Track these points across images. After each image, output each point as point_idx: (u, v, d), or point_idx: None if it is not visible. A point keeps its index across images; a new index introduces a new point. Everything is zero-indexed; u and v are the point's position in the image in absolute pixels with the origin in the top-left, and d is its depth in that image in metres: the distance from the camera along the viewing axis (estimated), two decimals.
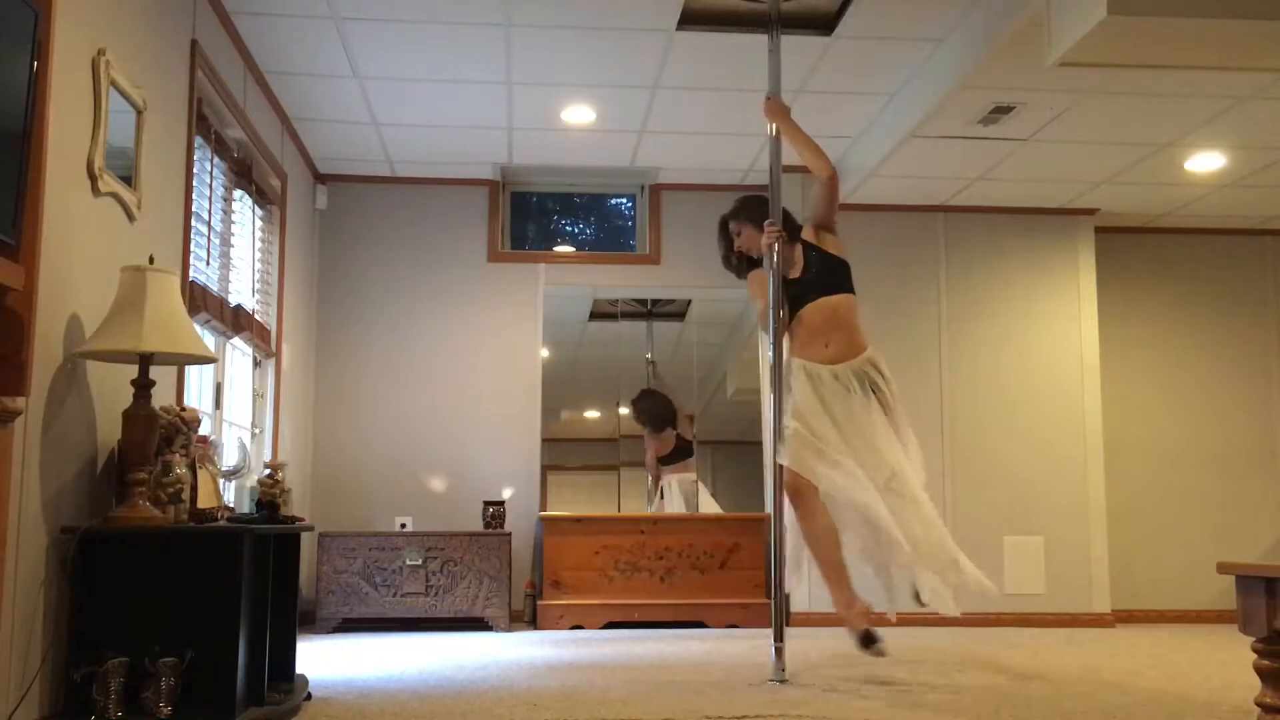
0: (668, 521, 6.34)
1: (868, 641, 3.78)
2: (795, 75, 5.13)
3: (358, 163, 6.42)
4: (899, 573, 3.94)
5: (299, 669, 3.66)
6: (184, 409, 3.38)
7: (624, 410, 7.01)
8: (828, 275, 4.13)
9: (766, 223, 4.14)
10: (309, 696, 3.46)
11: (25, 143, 2.59)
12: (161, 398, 3.33)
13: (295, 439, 6.01)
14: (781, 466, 3.94)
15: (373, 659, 4.62)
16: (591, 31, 4.79)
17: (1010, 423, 6.59)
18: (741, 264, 4.40)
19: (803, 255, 4.17)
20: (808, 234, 4.22)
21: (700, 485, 6.74)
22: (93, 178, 3.13)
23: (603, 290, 6.97)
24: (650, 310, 7.13)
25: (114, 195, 3.30)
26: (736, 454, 7.00)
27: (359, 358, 6.53)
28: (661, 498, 6.75)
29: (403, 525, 6.21)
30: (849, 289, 4.17)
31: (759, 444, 6.74)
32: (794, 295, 4.12)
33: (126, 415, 3.06)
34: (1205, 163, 5.92)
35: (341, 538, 5.85)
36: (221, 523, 3.27)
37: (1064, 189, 6.38)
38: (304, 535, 3.77)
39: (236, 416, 5.19)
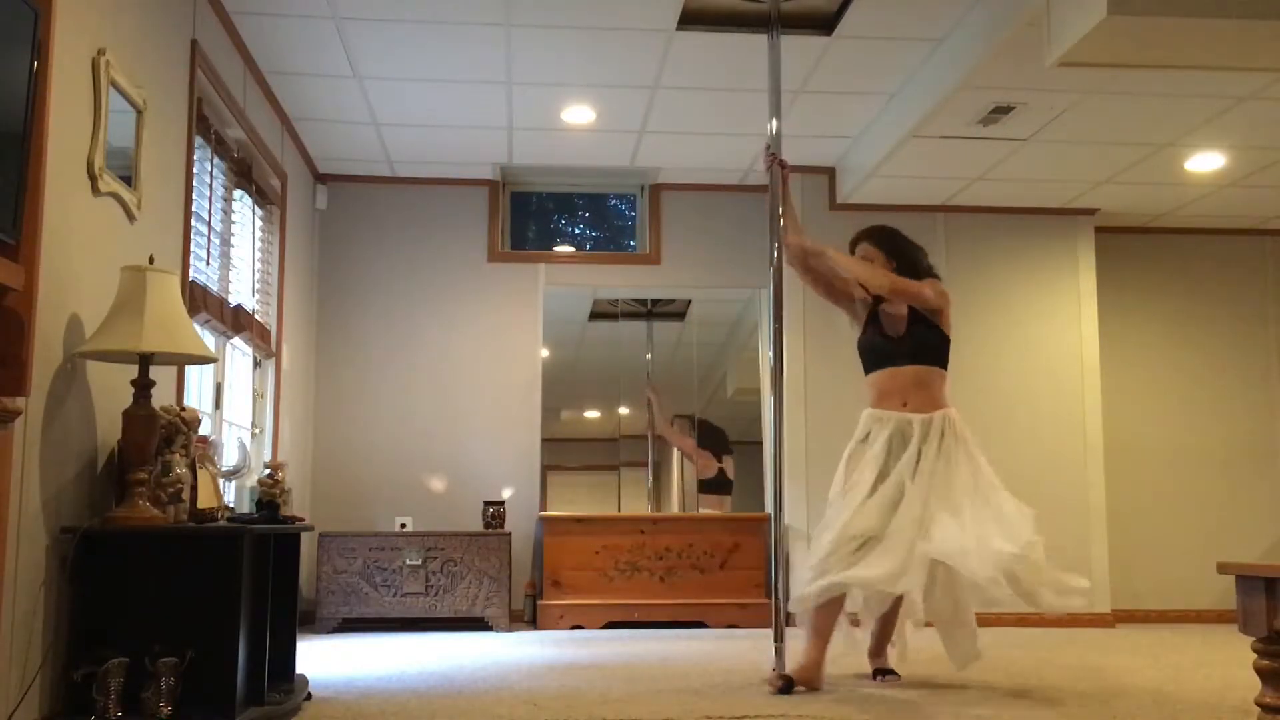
0: (668, 521, 6.34)
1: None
2: (795, 75, 5.13)
3: (358, 163, 6.42)
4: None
5: (299, 669, 3.65)
6: (184, 409, 3.38)
7: (624, 410, 7.02)
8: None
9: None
10: (309, 696, 3.46)
11: (25, 143, 2.59)
12: (161, 398, 3.33)
13: (295, 439, 6.01)
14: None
15: (373, 659, 4.62)
16: (591, 31, 4.79)
17: (1010, 423, 6.58)
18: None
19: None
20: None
21: None
22: (93, 178, 3.13)
23: (603, 290, 6.97)
24: (650, 310, 7.13)
25: (114, 195, 3.30)
26: (736, 453, 7.00)
27: (359, 358, 6.53)
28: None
29: (403, 525, 6.21)
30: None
31: (759, 443, 6.74)
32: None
33: (126, 415, 3.06)
34: (1205, 163, 5.92)
35: (341, 538, 5.84)
36: (221, 523, 3.27)
37: (1064, 189, 6.37)
38: (304, 535, 3.77)
39: (236, 416, 5.19)
